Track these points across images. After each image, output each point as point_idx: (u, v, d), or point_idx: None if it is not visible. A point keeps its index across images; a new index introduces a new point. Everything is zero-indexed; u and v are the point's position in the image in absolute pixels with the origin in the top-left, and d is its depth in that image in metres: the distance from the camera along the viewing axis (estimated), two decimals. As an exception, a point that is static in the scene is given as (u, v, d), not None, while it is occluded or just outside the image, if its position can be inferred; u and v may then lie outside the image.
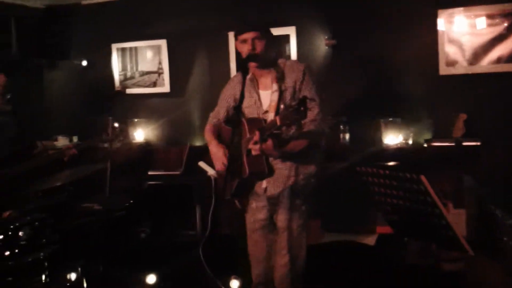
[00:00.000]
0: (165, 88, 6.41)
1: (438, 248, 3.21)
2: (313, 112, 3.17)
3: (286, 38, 5.72)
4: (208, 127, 3.64)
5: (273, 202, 3.37)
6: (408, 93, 5.36)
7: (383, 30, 5.41)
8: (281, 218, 3.34)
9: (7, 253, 3.47)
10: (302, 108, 2.74)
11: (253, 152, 3.09)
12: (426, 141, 5.20)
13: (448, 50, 5.20)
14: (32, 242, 3.56)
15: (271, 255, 3.46)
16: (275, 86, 3.24)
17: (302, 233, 3.37)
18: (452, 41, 5.18)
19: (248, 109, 3.35)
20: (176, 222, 5.85)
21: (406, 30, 5.33)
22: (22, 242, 3.53)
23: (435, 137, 5.24)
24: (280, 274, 3.38)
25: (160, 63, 6.38)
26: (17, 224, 3.56)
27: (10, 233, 3.50)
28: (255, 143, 3.01)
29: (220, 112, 3.59)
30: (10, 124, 4.32)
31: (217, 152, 3.43)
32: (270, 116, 3.16)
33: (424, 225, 2.81)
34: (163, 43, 6.32)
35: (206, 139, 3.61)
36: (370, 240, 4.94)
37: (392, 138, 5.26)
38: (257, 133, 3.00)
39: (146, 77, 6.46)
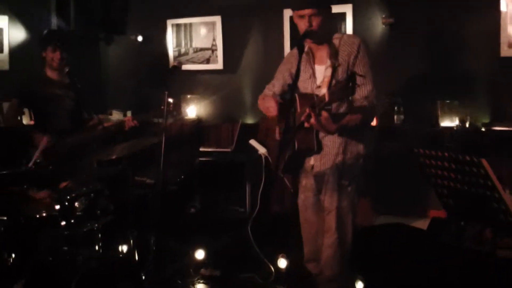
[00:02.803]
0: (218, 65, 6.41)
1: (494, 234, 3.11)
2: (365, 88, 3.13)
3: (342, 16, 5.63)
4: (261, 96, 3.64)
5: (319, 180, 3.36)
6: (466, 74, 5.23)
7: (443, 9, 5.27)
8: (327, 198, 3.34)
9: (63, 223, 3.55)
10: (350, 84, 2.71)
11: (306, 125, 3.06)
12: (484, 124, 5.06)
13: (510, 31, 5.01)
14: (87, 213, 3.63)
15: (321, 233, 3.46)
16: (329, 61, 3.22)
17: (349, 214, 3.35)
18: (514, 22, 5.00)
19: (303, 84, 3.34)
20: (226, 199, 5.89)
21: (467, 9, 5.19)
22: (77, 213, 3.60)
23: (494, 121, 5.09)
24: (327, 254, 3.38)
25: (214, 39, 6.38)
26: (73, 195, 3.64)
27: (66, 203, 3.58)
28: (308, 116, 2.98)
29: (275, 85, 3.60)
30: (68, 97, 4.41)
31: (269, 101, 3.42)
32: (323, 91, 3.12)
33: (482, 209, 2.74)
34: (217, 19, 6.31)
35: (259, 103, 3.60)
36: (422, 224, 4.86)
37: (449, 120, 5.14)
38: (308, 108, 2.98)
39: (199, 54, 6.48)
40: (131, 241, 3.78)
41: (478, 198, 2.72)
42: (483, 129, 5.01)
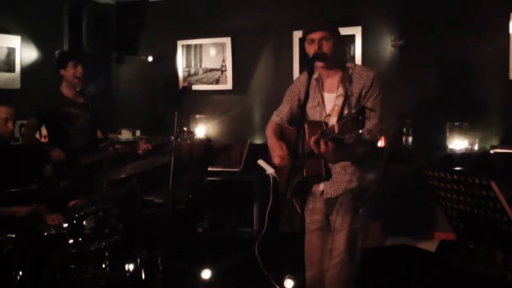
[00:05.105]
0: (228, 85, 6.45)
1: (504, 258, 3.09)
2: (370, 122, 3.12)
3: (351, 38, 5.65)
4: (270, 123, 3.62)
5: (330, 203, 3.34)
6: (476, 96, 5.22)
7: (453, 32, 5.29)
8: (336, 219, 3.31)
9: (71, 241, 3.57)
10: (360, 118, 2.71)
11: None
12: (493, 147, 5.04)
13: (520, 54, 5.02)
14: (96, 231, 3.64)
15: (326, 256, 3.43)
16: (340, 90, 3.18)
17: (357, 236, 3.31)
18: (523, 45, 5.01)
19: (311, 110, 3.31)
20: (234, 219, 5.88)
21: (476, 32, 5.20)
22: (86, 231, 3.62)
23: (503, 144, 5.07)
24: (331, 274, 3.33)
25: (223, 60, 6.42)
26: (82, 214, 3.66)
27: (75, 221, 3.60)
28: (317, 144, 2.97)
29: (283, 110, 3.56)
30: (83, 117, 4.46)
31: (276, 148, 3.39)
32: (332, 120, 3.10)
33: (492, 232, 2.72)
34: (227, 41, 6.36)
35: (267, 134, 3.59)
36: (431, 246, 4.83)
37: (458, 142, 5.13)
38: (318, 135, 2.97)
39: (209, 74, 6.53)
40: (139, 260, 3.78)
41: (488, 221, 2.70)
42: (492, 152, 4.98)
